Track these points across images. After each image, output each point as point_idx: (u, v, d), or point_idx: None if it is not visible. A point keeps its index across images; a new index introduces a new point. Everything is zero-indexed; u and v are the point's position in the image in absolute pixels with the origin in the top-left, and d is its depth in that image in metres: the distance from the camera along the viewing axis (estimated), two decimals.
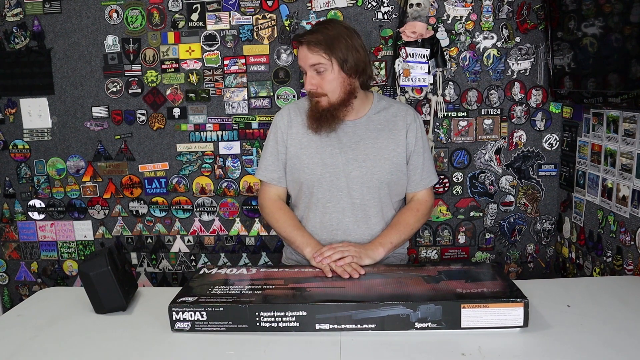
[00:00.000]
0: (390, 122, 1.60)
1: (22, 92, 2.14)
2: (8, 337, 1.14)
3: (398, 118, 1.60)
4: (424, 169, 1.63)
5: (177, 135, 2.14)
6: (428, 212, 1.66)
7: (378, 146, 1.57)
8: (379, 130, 1.59)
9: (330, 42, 1.47)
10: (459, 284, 1.13)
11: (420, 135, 1.62)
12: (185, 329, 1.09)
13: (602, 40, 1.51)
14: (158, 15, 2.06)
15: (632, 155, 1.54)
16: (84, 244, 2.26)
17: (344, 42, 1.49)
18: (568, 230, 1.99)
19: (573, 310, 1.16)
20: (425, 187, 1.65)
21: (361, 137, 1.57)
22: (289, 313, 1.06)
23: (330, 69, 1.48)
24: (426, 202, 1.65)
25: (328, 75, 1.49)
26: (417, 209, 1.63)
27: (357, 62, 1.51)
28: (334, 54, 1.47)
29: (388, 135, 1.58)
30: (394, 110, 1.62)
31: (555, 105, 2.01)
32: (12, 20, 2.08)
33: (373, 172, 1.56)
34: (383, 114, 1.61)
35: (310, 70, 1.50)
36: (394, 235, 1.55)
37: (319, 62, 1.48)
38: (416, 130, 1.61)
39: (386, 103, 1.64)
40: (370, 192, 1.57)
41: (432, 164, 1.68)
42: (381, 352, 1.00)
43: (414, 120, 1.61)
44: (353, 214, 1.57)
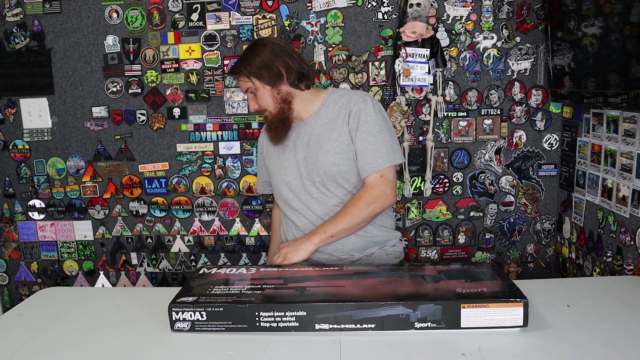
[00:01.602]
0: (336, 112, 1.59)
1: (22, 92, 2.14)
2: (8, 337, 1.14)
3: (342, 106, 1.58)
4: (372, 154, 1.54)
5: (177, 135, 2.14)
6: (376, 199, 1.54)
7: (323, 139, 1.58)
8: (326, 124, 1.60)
9: (244, 66, 1.57)
10: (458, 283, 1.13)
11: (366, 119, 1.54)
12: (185, 329, 1.09)
13: (602, 40, 1.51)
14: (158, 15, 2.06)
15: (632, 155, 1.54)
16: (84, 244, 2.26)
17: (256, 59, 1.57)
18: (568, 230, 1.99)
19: (573, 310, 1.16)
20: (371, 172, 1.54)
21: (310, 135, 1.62)
22: (288, 313, 1.06)
23: (258, 88, 1.58)
24: (371, 189, 1.55)
25: (259, 93, 1.60)
26: (360, 197, 1.55)
27: (273, 71, 1.56)
28: (252, 74, 1.57)
29: (332, 127, 1.58)
30: (343, 101, 1.59)
31: (555, 105, 2.01)
32: (12, 20, 2.08)
33: (318, 166, 1.58)
34: (332, 107, 1.61)
35: (247, 94, 1.63)
36: (330, 225, 1.54)
37: (246, 86, 1.60)
38: (359, 115, 1.54)
39: (338, 96, 1.62)
40: (325, 186, 1.60)
41: (385, 148, 1.55)
42: (381, 352, 1.00)
43: (363, 104, 1.55)
44: (318, 209, 1.61)
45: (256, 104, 1.61)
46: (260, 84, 1.57)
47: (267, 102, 1.60)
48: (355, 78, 2.04)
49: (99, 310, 1.27)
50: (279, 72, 1.57)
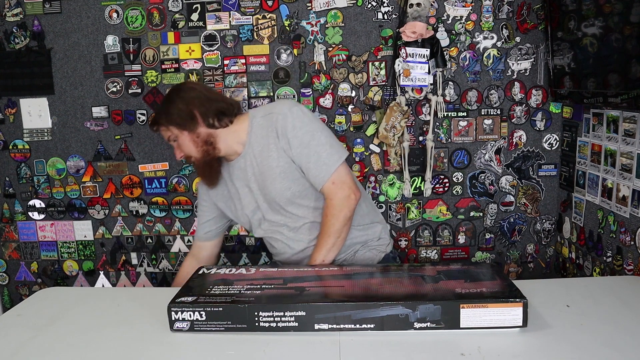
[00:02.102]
0: (265, 137, 1.52)
1: (22, 92, 2.14)
2: (8, 337, 1.14)
3: (269, 129, 1.51)
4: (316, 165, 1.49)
5: None
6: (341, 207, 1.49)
7: (264, 169, 1.53)
8: (261, 152, 1.53)
9: (161, 116, 1.56)
10: (458, 283, 1.13)
11: (293, 134, 1.48)
12: (184, 328, 1.09)
13: (602, 40, 1.51)
14: (158, 15, 2.06)
15: (632, 155, 1.54)
16: (84, 244, 2.26)
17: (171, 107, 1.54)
18: (568, 230, 1.99)
19: (573, 310, 1.16)
20: (322, 184, 1.49)
21: (252, 167, 1.56)
22: (288, 313, 1.06)
23: (178, 135, 1.55)
24: (330, 200, 1.50)
25: (179, 141, 1.56)
26: (326, 214, 1.51)
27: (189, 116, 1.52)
28: (169, 123, 1.54)
29: (268, 154, 1.52)
30: (266, 123, 1.52)
31: (555, 105, 2.01)
32: (12, 20, 2.09)
33: (273, 195, 1.54)
34: (259, 132, 1.53)
35: (171, 144, 1.60)
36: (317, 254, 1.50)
37: (167, 135, 1.58)
38: (285, 132, 1.48)
39: (261, 119, 1.54)
40: (287, 211, 1.57)
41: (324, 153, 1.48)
42: (380, 352, 1.00)
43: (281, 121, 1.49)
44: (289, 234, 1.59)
45: (180, 151, 1.57)
46: (178, 131, 1.53)
47: (189, 148, 1.55)
48: (355, 78, 2.04)
49: (99, 310, 1.28)
50: (193, 116, 1.52)
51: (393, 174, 2.10)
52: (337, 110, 2.07)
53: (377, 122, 2.06)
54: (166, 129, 1.56)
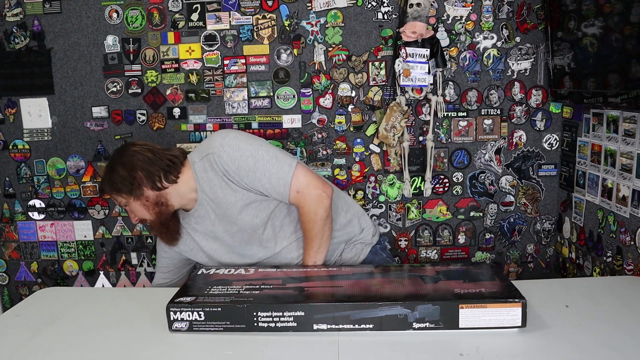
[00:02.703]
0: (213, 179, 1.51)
1: (22, 92, 2.14)
2: (8, 337, 1.14)
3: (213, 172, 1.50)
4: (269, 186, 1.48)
5: (177, 135, 2.14)
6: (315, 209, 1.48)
7: (224, 209, 1.52)
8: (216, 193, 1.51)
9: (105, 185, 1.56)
10: (457, 284, 1.13)
11: (236, 166, 1.47)
12: (183, 329, 1.09)
13: (602, 40, 1.51)
14: (158, 15, 2.06)
15: (632, 155, 1.53)
16: (84, 244, 2.26)
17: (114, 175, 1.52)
18: (568, 230, 1.99)
19: (572, 310, 1.16)
20: (286, 197, 1.49)
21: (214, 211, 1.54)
22: (286, 313, 1.06)
23: (127, 201, 1.54)
24: (302, 207, 1.50)
25: (131, 207, 1.55)
26: (303, 221, 1.51)
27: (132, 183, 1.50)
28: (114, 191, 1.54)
29: (223, 192, 1.51)
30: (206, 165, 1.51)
31: (555, 105, 2.01)
32: (12, 20, 2.09)
33: (244, 229, 1.53)
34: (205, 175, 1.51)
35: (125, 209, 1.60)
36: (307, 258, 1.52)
37: (118, 202, 1.57)
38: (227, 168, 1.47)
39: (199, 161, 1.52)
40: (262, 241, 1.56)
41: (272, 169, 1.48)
42: (379, 352, 1.00)
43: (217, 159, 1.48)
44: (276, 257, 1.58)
45: (134, 215, 1.57)
46: (125, 198, 1.53)
47: (141, 212, 1.54)
48: (355, 78, 2.04)
49: (98, 310, 1.28)
50: (139, 182, 1.50)
51: (393, 174, 2.10)
52: (337, 110, 2.07)
53: (377, 122, 2.06)
54: (115, 196, 1.55)
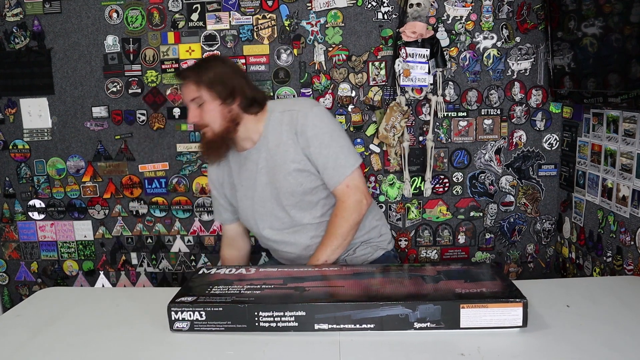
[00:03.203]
0: (283, 133, 1.53)
1: (22, 92, 2.14)
2: (8, 337, 1.14)
3: (287, 125, 1.52)
4: (329, 167, 1.51)
5: (177, 135, 2.14)
6: (352, 210, 1.52)
7: (278, 163, 1.53)
8: (277, 146, 1.53)
9: (197, 73, 1.51)
10: (458, 284, 1.13)
11: (314, 133, 1.49)
12: (184, 328, 1.09)
13: (602, 40, 1.51)
14: (158, 15, 2.06)
15: (632, 155, 1.54)
16: (84, 244, 2.26)
17: (211, 71, 1.51)
18: (568, 230, 1.99)
19: (572, 311, 1.16)
20: (336, 185, 1.52)
21: (266, 160, 1.55)
22: (288, 313, 1.06)
23: (207, 101, 1.50)
24: (342, 203, 1.52)
25: (206, 107, 1.50)
26: (336, 214, 1.53)
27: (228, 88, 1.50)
28: (204, 84, 1.50)
29: (285, 149, 1.52)
30: (286, 119, 1.53)
31: (555, 105, 2.01)
32: (12, 20, 2.09)
33: (283, 190, 1.54)
34: (277, 127, 1.54)
35: (191, 104, 1.52)
36: (321, 253, 1.51)
37: (195, 95, 1.50)
38: (305, 131, 1.50)
39: (279, 114, 1.55)
40: (291, 208, 1.56)
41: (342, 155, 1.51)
42: (380, 352, 1.00)
43: (302, 119, 1.50)
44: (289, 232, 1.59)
45: (198, 116, 1.51)
46: (210, 97, 1.49)
47: (213, 117, 1.50)
48: (355, 78, 2.04)
49: (99, 310, 1.28)
50: (232, 91, 1.50)
51: (393, 174, 2.10)
52: (337, 110, 2.07)
53: (377, 122, 2.06)
54: (196, 88, 1.49)
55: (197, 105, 1.51)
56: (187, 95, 1.52)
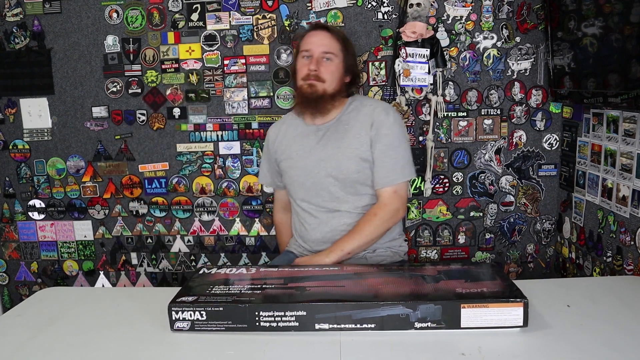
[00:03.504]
0: (358, 120, 1.62)
1: (22, 92, 2.14)
2: (8, 337, 1.14)
3: (365, 115, 1.61)
4: (386, 166, 1.57)
5: (177, 135, 2.14)
6: (390, 216, 1.58)
7: (343, 145, 1.60)
8: (346, 130, 1.62)
9: (345, 39, 1.67)
10: (458, 283, 1.13)
11: (387, 132, 1.57)
12: (185, 328, 1.09)
13: (602, 40, 1.51)
14: (158, 15, 2.06)
15: (632, 155, 1.54)
16: (84, 244, 2.26)
17: (350, 44, 1.69)
18: (568, 230, 1.99)
19: (573, 310, 1.16)
20: (386, 185, 1.58)
21: (329, 139, 1.63)
22: (288, 313, 1.06)
23: (336, 62, 1.61)
24: (385, 205, 1.58)
25: (333, 64, 1.61)
26: (375, 214, 1.58)
27: (355, 66, 1.70)
28: (345, 49, 1.64)
29: (353, 134, 1.60)
30: (365, 110, 1.63)
31: (555, 105, 2.01)
32: (12, 20, 2.09)
33: (338, 171, 1.59)
34: (353, 114, 1.64)
35: (318, 55, 1.60)
36: (346, 243, 1.56)
37: (333, 51, 1.61)
38: (381, 126, 1.57)
39: (359, 104, 1.66)
40: (338, 190, 1.61)
41: (403, 162, 1.59)
42: (381, 352, 1.00)
43: (382, 116, 1.58)
44: (325, 211, 1.63)
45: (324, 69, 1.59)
46: (340, 59, 1.62)
47: (334, 77, 1.61)
48: None
49: (99, 310, 1.27)
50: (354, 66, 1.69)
51: None
52: None
53: None
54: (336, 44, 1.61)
55: (324, 58, 1.60)
56: (322, 46, 1.60)
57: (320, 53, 1.60)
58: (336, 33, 1.64)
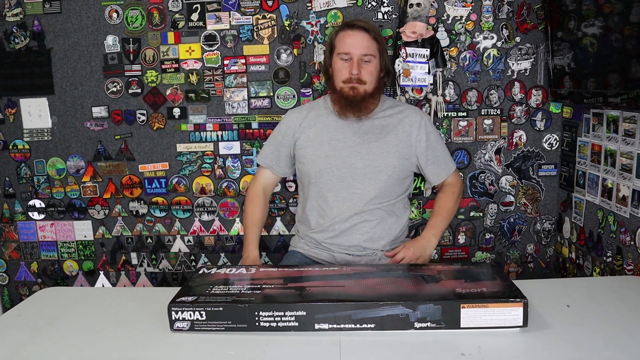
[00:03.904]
0: (395, 119, 1.68)
1: (22, 92, 2.14)
2: (8, 337, 1.14)
3: (404, 116, 1.69)
4: (444, 160, 1.74)
5: (177, 135, 2.14)
6: (461, 192, 1.80)
7: (383, 141, 1.65)
8: (384, 126, 1.67)
9: (381, 38, 1.66)
10: (458, 283, 1.13)
11: (432, 130, 1.71)
12: (185, 328, 1.09)
13: (602, 40, 1.51)
14: (158, 15, 2.06)
15: (632, 155, 1.54)
16: (84, 244, 2.26)
17: (384, 41, 1.70)
18: (568, 230, 1.99)
19: (573, 310, 1.16)
20: (451, 171, 1.76)
21: (365, 133, 1.66)
22: (288, 313, 1.06)
23: (375, 62, 1.63)
24: (457, 182, 1.78)
25: (372, 65, 1.62)
26: (453, 192, 1.75)
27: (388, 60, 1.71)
28: (381, 49, 1.64)
29: (393, 131, 1.66)
30: (399, 109, 1.71)
31: (555, 105, 2.01)
32: (12, 20, 2.09)
33: (376, 164, 1.63)
34: (389, 111, 1.70)
35: (359, 58, 1.60)
36: (441, 223, 1.71)
37: (372, 52, 1.61)
38: (425, 127, 1.68)
39: (391, 102, 1.74)
40: (372, 184, 1.64)
41: (448, 152, 1.78)
42: (380, 352, 1.00)
43: (421, 118, 1.69)
44: (352, 204, 1.64)
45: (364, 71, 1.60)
46: (378, 59, 1.63)
47: (373, 78, 1.62)
48: None
49: (99, 310, 1.27)
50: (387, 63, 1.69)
51: None
52: None
53: None
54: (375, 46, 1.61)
55: (366, 62, 1.61)
56: (361, 49, 1.59)
57: (360, 56, 1.59)
58: (373, 32, 1.62)
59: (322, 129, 1.69)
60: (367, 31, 1.60)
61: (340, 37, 1.63)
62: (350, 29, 1.62)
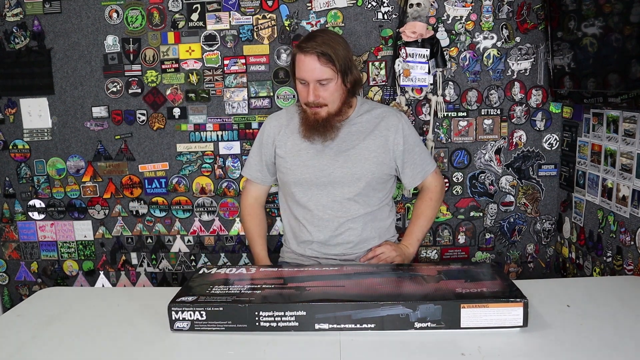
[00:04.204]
0: (373, 123, 1.66)
1: (22, 92, 2.14)
2: (8, 337, 1.14)
3: (381, 120, 1.66)
4: (421, 162, 1.72)
5: (177, 135, 2.14)
6: (440, 195, 1.80)
7: (360, 147, 1.63)
8: (361, 131, 1.64)
9: (336, 55, 1.51)
10: (458, 283, 1.13)
11: (409, 132, 1.69)
12: (185, 328, 1.09)
13: (602, 40, 1.51)
14: (158, 15, 2.06)
15: (632, 155, 1.54)
16: (84, 244, 2.26)
17: (343, 54, 1.54)
18: (568, 230, 1.99)
19: (573, 310, 1.16)
20: (427, 175, 1.74)
21: (343, 140, 1.64)
22: (288, 313, 1.06)
23: (335, 81, 1.54)
24: (434, 187, 1.77)
25: (331, 87, 1.54)
26: (430, 198, 1.76)
27: (349, 69, 1.57)
28: (340, 67, 1.52)
29: (370, 136, 1.64)
30: (377, 113, 1.68)
31: (555, 105, 2.01)
32: (12, 20, 2.09)
33: (354, 171, 1.62)
34: (366, 116, 1.67)
35: (314, 82, 1.53)
36: (419, 232, 1.74)
37: (326, 76, 1.52)
38: (402, 130, 1.66)
39: (369, 106, 1.71)
40: (352, 190, 1.63)
41: (427, 153, 1.78)
42: (381, 352, 1.00)
43: (398, 121, 1.67)
44: (334, 212, 1.64)
45: (321, 95, 1.53)
46: (341, 80, 1.54)
47: (334, 98, 1.55)
48: None
49: (99, 310, 1.28)
50: (350, 70, 1.56)
51: None
52: None
53: None
54: (329, 68, 1.50)
55: (322, 85, 1.53)
56: (316, 73, 1.50)
57: (315, 82, 1.53)
58: (323, 55, 1.49)
59: (300, 137, 1.68)
60: (319, 55, 1.49)
61: (297, 59, 1.55)
62: (302, 54, 1.52)
